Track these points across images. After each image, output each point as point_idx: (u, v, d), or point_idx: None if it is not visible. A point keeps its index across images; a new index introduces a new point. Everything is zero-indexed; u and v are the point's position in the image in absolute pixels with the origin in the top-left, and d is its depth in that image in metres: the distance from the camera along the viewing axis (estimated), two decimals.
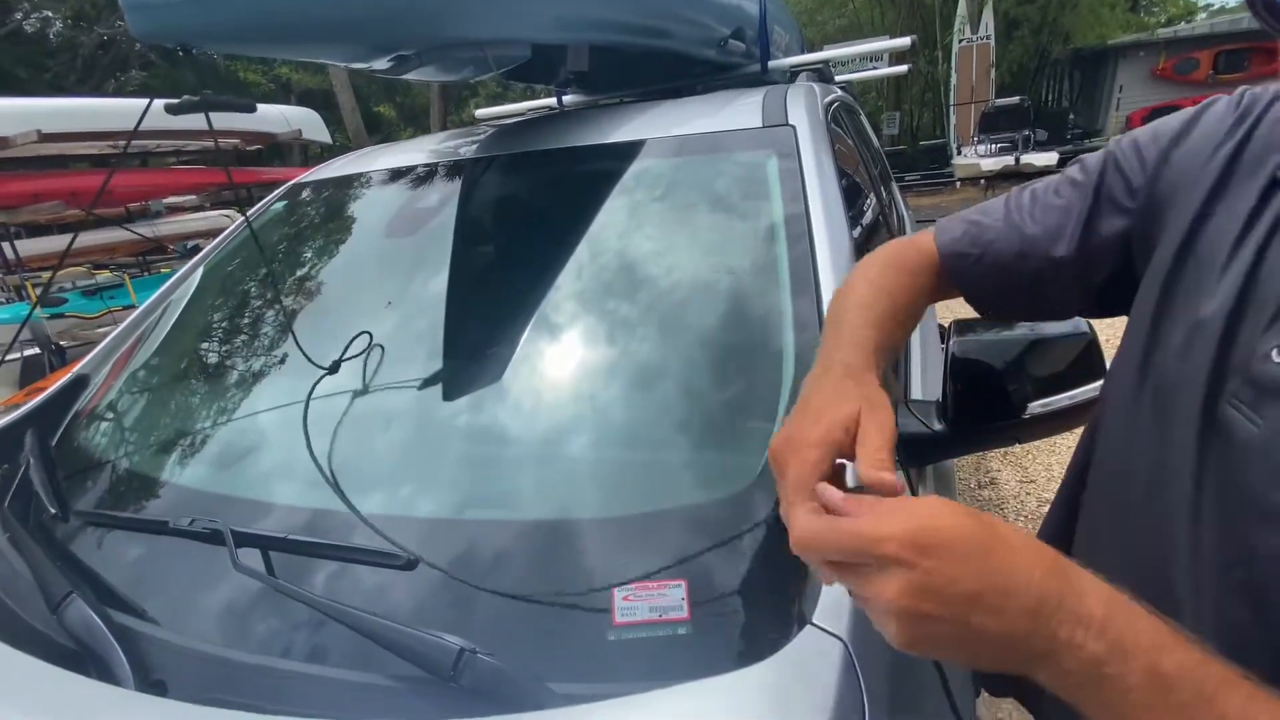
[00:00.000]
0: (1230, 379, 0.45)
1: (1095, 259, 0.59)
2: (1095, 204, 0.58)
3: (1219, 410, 0.46)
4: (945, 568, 0.35)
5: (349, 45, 0.89)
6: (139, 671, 0.63)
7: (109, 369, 1.20)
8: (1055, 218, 0.60)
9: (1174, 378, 0.49)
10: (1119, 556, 0.54)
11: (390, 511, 0.74)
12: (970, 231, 0.65)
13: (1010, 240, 0.62)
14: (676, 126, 1.20)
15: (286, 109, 6.44)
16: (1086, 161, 0.61)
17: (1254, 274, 0.45)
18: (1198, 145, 0.53)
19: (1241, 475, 0.44)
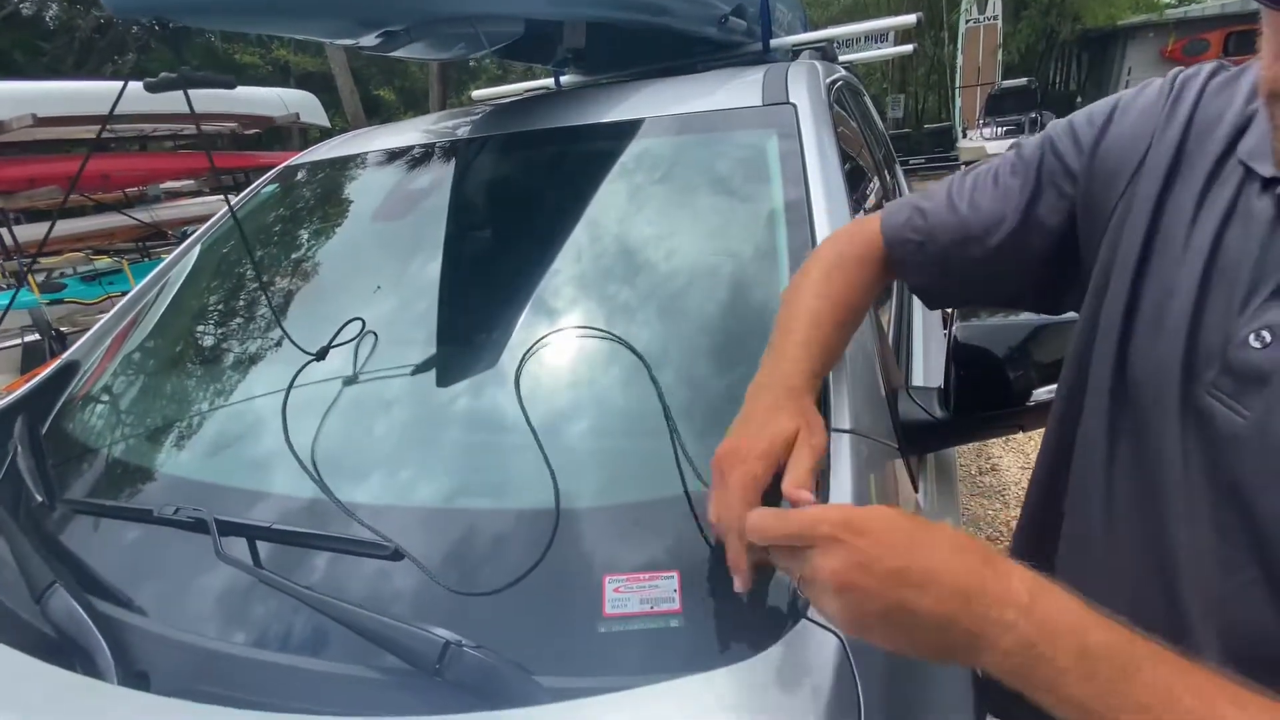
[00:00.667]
0: (1206, 367, 0.44)
1: (1035, 246, 0.58)
2: (1035, 190, 0.57)
3: (1198, 400, 0.45)
4: (873, 545, 0.40)
5: (333, 19, 0.86)
6: (122, 663, 0.62)
7: (99, 355, 1.18)
8: (995, 205, 0.59)
9: (1149, 367, 0.48)
10: (1112, 562, 0.53)
11: (377, 501, 0.72)
12: (913, 219, 0.64)
13: (951, 228, 0.62)
14: (675, 105, 1.17)
15: (284, 92, 6.38)
16: (1024, 147, 0.60)
17: (1214, 257, 0.45)
18: (1134, 129, 0.52)
19: (1235, 471, 0.42)
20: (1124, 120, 0.53)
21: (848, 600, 0.40)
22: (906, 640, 0.40)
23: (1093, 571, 0.55)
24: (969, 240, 0.61)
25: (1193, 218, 0.47)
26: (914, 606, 0.38)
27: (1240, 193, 0.45)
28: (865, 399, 0.73)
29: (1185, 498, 0.46)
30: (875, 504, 0.64)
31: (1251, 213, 0.44)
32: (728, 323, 0.84)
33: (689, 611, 0.57)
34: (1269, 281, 0.42)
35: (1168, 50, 11.97)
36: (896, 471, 0.74)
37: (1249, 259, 0.43)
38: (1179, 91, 0.51)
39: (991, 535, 2.39)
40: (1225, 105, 0.48)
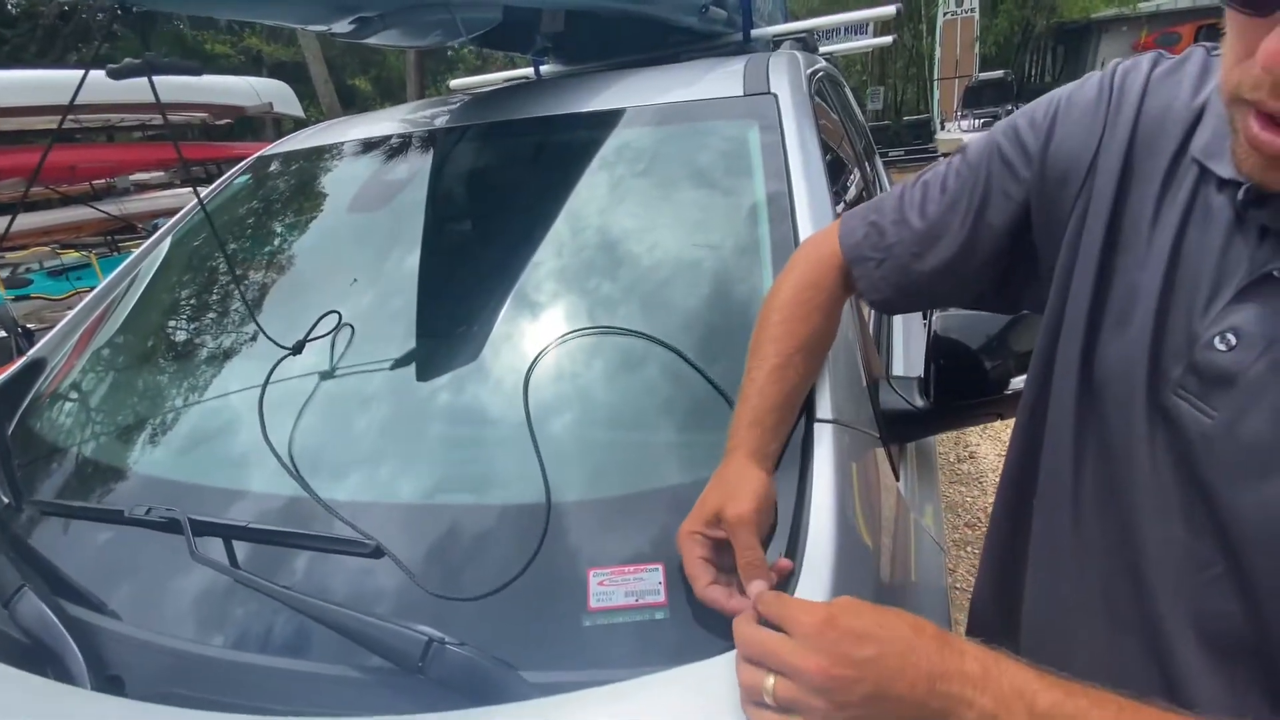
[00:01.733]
0: (1171, 367, 0.45)
1: (988, 251, 0.59)
2: (983, 198, 0.58)
3: (1165, 399, 0.45)
4: (849, 636, 0.42)
5: (303, 4, 0.84)
6: (95, 668, 0.60)
7: (67, 351, 1.15)
8: (945, 215, 0.60)
9: (1116, 367, 0.49)
10: (1082, 556, 0.54)
11: (357, 497, 0.71)
12: (870, 235, 0.65)
13: (906, 242, 0.62)
14: (655, 95, 1.16)
15: (256, 81, 6.24)
16: (970, 151, 0.60)
17: (1176, 258, 0.46)
18: (1080, 129, 0.52)
19: (1203, 469, 0.43)
20: (1068, 121, 0.53)
21: (831, 694, 0.41)
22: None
23: (1064, 565, 0.56)
24: (924, 253, 0.61)
25: (1153, 218, 0.47)
26: (892, 692, 0.40)
27: (1197, 192, 0.45)
28: (847, 389, 0.73)
29: (1154, 494, 0.47)
30: (856, 494, 0.64)
31: (1210, 213, 0.44)
32: (709, 314, 0.84)
33: (674, 604, 0.57)
34: (1231, 283, 0.43)
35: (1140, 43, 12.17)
36: (878, 460, 0.75)
37: (1210, 260, 0.44)
38: (1121, 86, 0.51)
39: (969, 521, 2.43)
40: (1171, 98, 0.48)
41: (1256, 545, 0.41)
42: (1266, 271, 0.41)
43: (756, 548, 0.54)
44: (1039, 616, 0.60)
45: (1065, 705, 0.38)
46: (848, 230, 0.67)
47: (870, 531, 0.65)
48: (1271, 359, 0.40)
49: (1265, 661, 0.43)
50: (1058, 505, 0.55)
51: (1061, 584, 0.56)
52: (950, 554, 2.25)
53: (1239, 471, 0.42)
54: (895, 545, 0.70)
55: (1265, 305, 0.41)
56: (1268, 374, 0.40)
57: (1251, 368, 0.41)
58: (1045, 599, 0.59)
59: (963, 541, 2.33)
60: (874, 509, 0.68)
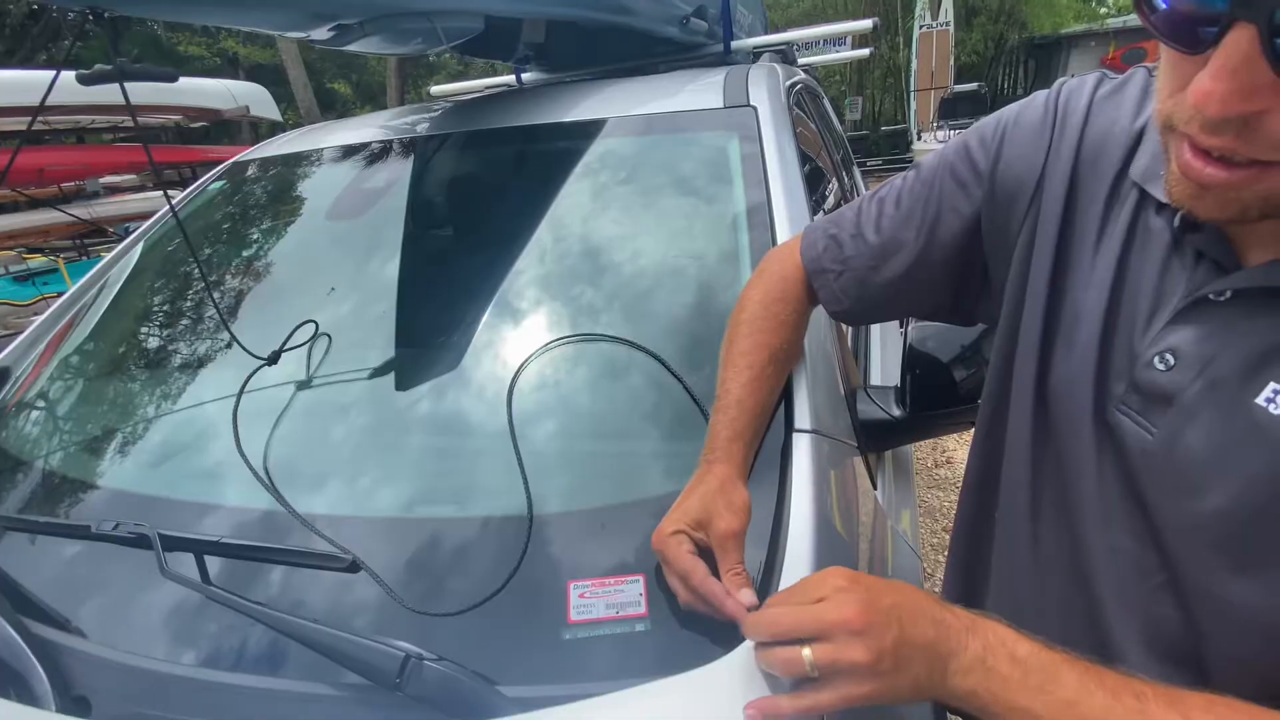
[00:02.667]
0: (1115, 384, 0.47)
1: (941, 265, 0.60)
2: (935, 214, 0.59)
3: (1110, 415, 0.47)
4: (869, 588, 0.45)
5: (281, 11, 0.83)
6: (60, 689, 0.58)
7: (33, 360, 1.12)
8: (899, 230, 0.62)
9: (1064, 384, 0.50)
10: (1040, 569, 0.55)
11: (332, 511, 0.70)
12: (830, 248, 0.67)
13: (863, 255, 0.64)
14: (635, 105, 1.17)
15: (232, 84, 6.15)
16: (923, 168, 0.62)
17: (1119, 279, 0.47)
18: (1026, 149, 0.53)
19: (1144, 485, 0.45)
20: (1015, 140, 0.54)
21: (869, 639, 0.42)
22: (912, 675, 0.42)
23: (1022, 575, 0.57)
24: (880, 266, 0.63)
25: (1097, 239, 0.49)
26: (912, 636, 0.42)
27: (1138, 214, 0.47)
28: (825, 399, 0.74)
29: (1101, 507, 0.48)
30: (834, 503, 0.65)
31: (1150, 235, 0.46)
32: (689, 324, 0.84)
33: (655, 615, 0.57)
34: (1169, 304, 0.44)
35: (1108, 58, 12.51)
36: (855, 469, 0.75)
37: (1150, 281, 0.45)
38: (1065, 107, 0.52)
39: (946, 526, 2.46)
40: (1113, 120, 0.50)
41: (1191, 558, 0.43)
42: (1202, 295, 0.42)
43: (742, 563, 0.54)
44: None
45: (1040, 655, 0.41)
46: (809, 243, 0.69)
47: (849, 538, 0.66)
48: (1207, 380, 0.42)
49: (1203, 668, 0.45)
50: (1017, 517, 0.57)
51: (1020, 592, 0.58)
52: (928, 559, 2.27)
53: (1175, 488, 0.43)
54: (873, 552, 0.71)
55: (1201, 327, 0.42)
56: (1202, 394, 0.42)
57: (1188, 388, 0.42)
58: (1006, 607, 0.60)
59: (941, 546, 2.36)
60: (852, 516, 0.69)
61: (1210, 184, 0.36)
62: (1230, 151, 0.34)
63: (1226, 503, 0.41)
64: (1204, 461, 0.42)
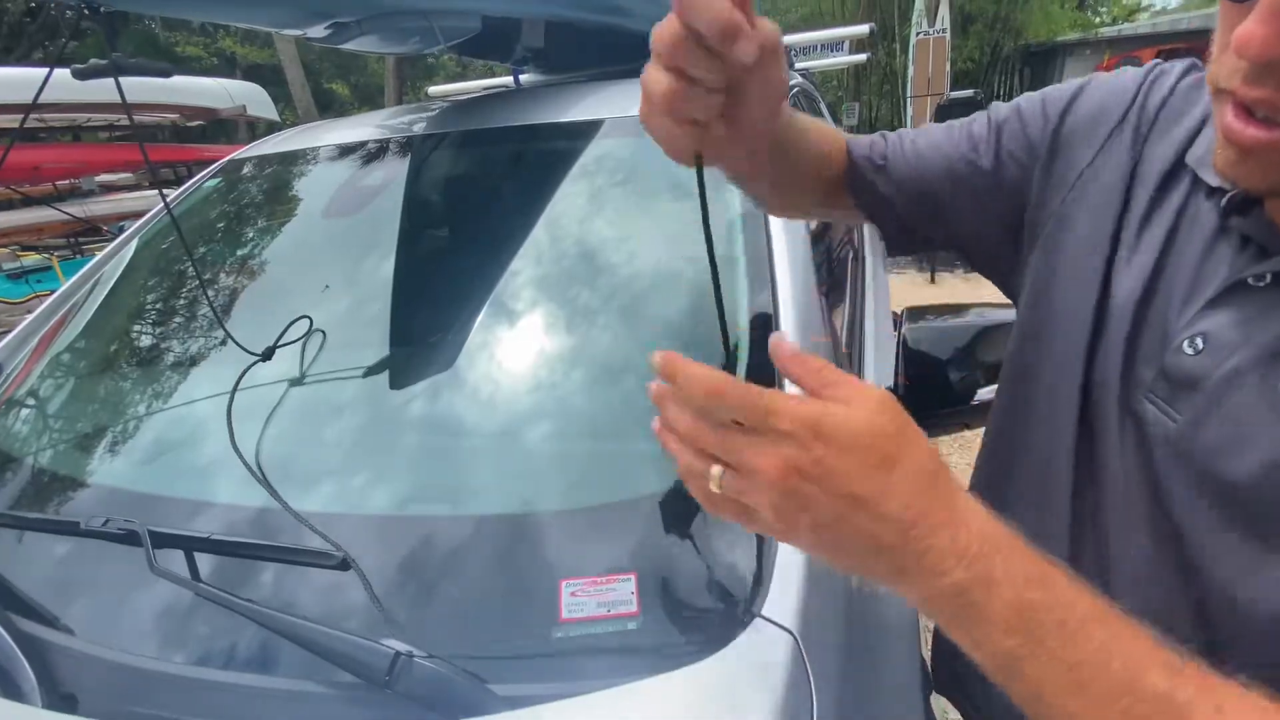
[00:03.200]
0: (1145, 371, 0.45)
1: (986, 193, 0.58)
2: (996, 147, 0.58)
3: (1136, 403, 0.45)
4: (833, 460, 0.33)
5: (277, 8, 0.83)
6: (47, 686, 0.58)
7: (25, 356, 1.11)
8: (956, 146, 0.60)
9: (1097, 372, 0.49)
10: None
11: (324, 508, 0.70)
12: (877, 142, 0.64)
13: (909, 156, 0.62)
14: (632, 107, 1.17)
15: (229, 83, 6.13)
16: (994, 109, 0.61)
17: (1161, 261, 0.46)
18: (1105, 102, 0.52)
19: (1165, 478, 0.43)
20: (1095, 93, 0.53)
21: (785, 499, 0.34)
22: (831, 546, 0.35)
23: None
24: (925, 171, 0.60)
25: (1141, 224, 0.48)
26: (854, 528, 0.34)
27: (1188, 200, 0.46)
28: None
29: (1124, 506, 0.46)
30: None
31: (1197, 220, 0.45)
32: (681, 325, 0.84)
33: (646, 613, 0.57)
34: (1208, 289, 0.43)
35: (1103, 66, 12.60)
36: None
37: (1191, 266, 0.44)
38: (1152, 83, 0.51)
39: None
40: (1186, 107, 0.49)
41: (1211, 558, 0.41)
42: (1242, 278, 0.41)
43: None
44: None
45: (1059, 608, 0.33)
46: (855, 138, 0.66)
47: None
48: (1234, 366, 0.40)
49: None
50: (1043, 508, 0.54)
51: None
52: None
53: (1198, 478, 0.41)
54: None
55: (1237, 311, 0.41)
56: (1228, 380, 0.40)
57: (1215, 372, 0.41)
58: None
59: None
60: None
61: (1251, 146, 0.35)
62: (1272, 108, 0.33)
63: (1251, 489, 0.39)
64: (1227, 447, 0.40)
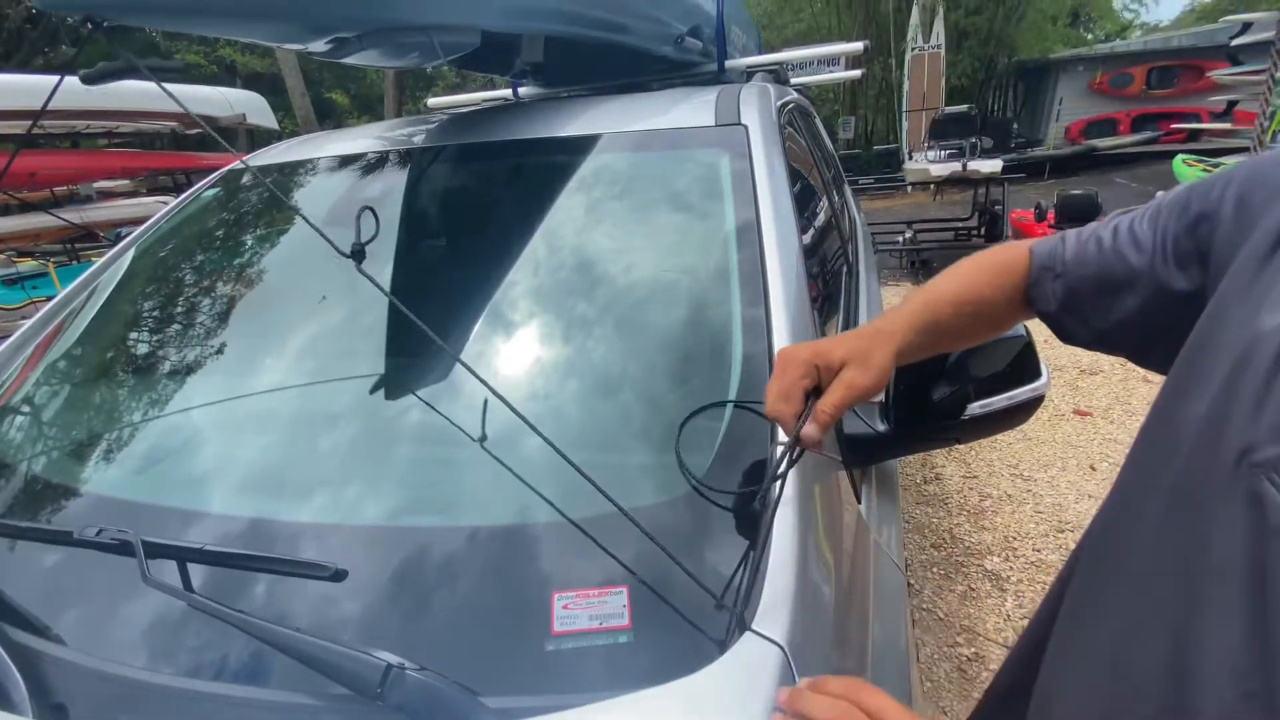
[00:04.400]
0: (1267, 445, 0.39)
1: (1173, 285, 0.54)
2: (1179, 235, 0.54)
3: (1254, 481, 0.39)
4: None
5: (278, 24, 0.84)
6: (38, 696, 0.58)
7: (20, 364, 1.11)
8: (1127, 247, 0.57)
9: (1205, 420, 0.43)
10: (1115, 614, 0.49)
11: (318, 519, 0.70)
12: (1059, 246, 0.63)
13: (1086, 261, 0.60)
14: (630, 122, 1.19)
15: (229, 91, 6.16)
16: (1166, 197, 0.58)
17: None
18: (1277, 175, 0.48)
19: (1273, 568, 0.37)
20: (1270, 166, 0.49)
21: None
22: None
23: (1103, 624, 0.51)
24: (1099, 280, 0.59)
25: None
26: None
27: None
28: None
29: (1221, 585, 0.40)
30: (818, 516, 0.65)
31: None
32: (679, 338, 0.85)
33: (638, 627, 0.57)
34: None
35: (1095, 83, 12.75)
36: (840, 483, 0.76)
37: None
38: None
39: (935, 541, 2.47)
40: None
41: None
42: None
43: (838, 409, 0.58)
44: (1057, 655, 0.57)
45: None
46: (1045, 240, 0.66)
47: (831, 552, 0.66)
48: None
49: None
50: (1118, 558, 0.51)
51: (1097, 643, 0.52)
52: (915, 574, 2.28)
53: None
54: (855, 564, 0.72)
55: None
56: None
57: None
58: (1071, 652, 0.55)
59: (929, 562, 2.36)
60: (835, 529, 0.70)
61: None
62: None
63: None
64: None
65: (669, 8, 1.70)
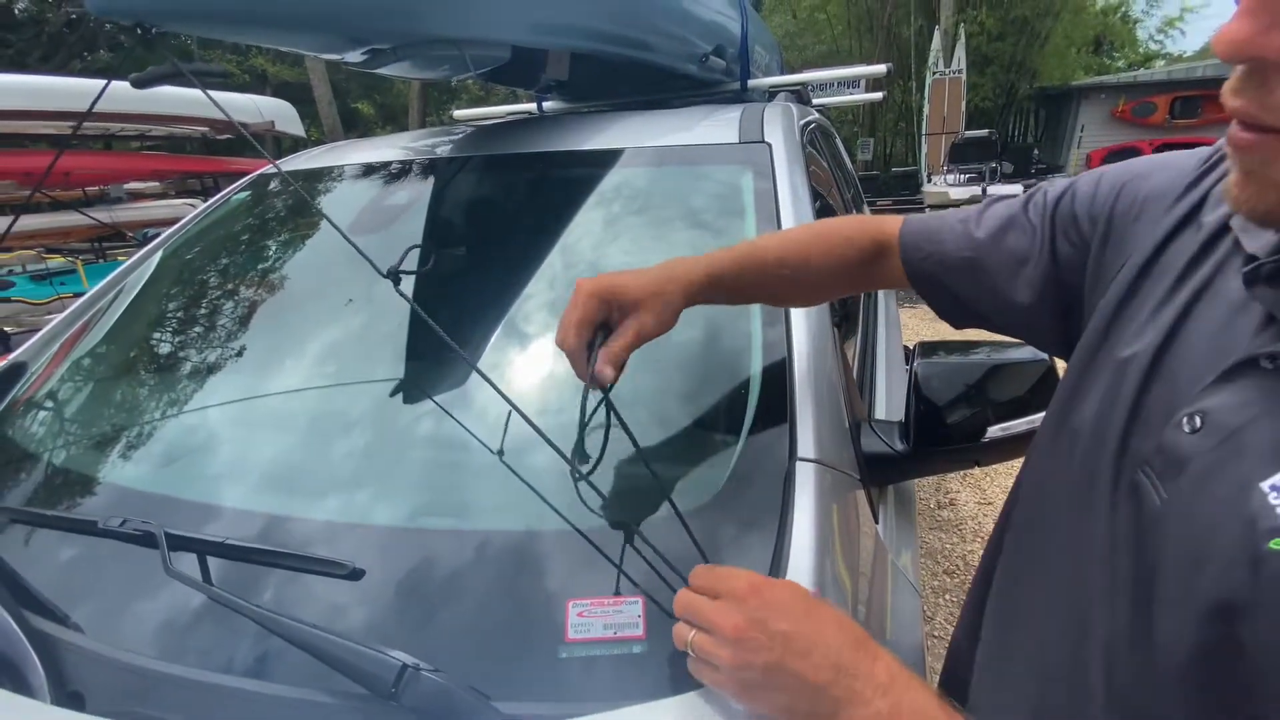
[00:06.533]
0: (1143, 441, 0.43)
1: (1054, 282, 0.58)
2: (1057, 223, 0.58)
3: (1132, 474, 0.43)
4: (770, 608, 0.47)
5: (320, 34, 0.87)
6: (56, 682, 0.59)
7: (49, 357, 1.14)
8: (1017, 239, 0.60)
9: (1092, 425, 0.48)
10: (1031, 610, 0.53)
11: (337, 518, 0.71)
12: (932, 220, 0.68)
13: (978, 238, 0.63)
14: (653, 137, 1.20)
15: (259, 98, 6.30)
16: (1053, 182, 0.62)
17: (1181, 322, 0.44)
18: (1162, 185, 0.51)
19: (1151, 554, 0.41)
20: (1155, 175, 0.52)
21: (737, 650, 0.46)
22: (783, 701, 0.45)
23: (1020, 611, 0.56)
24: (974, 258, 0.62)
25: (1175, 281, 0.46)
26: (794, 668, 0.44)
27: (1225, 262, 0.43)
28: (829, 429, 0.75)
29: (1108, 574, 0.44)
30: (836, 535, 0.65)
31: (1222, 291, 0.43)
32: (694, 354, 0.85)
33: (652, 638, 0.57)
34: (1217, 365, 0.40)
35: (1118, 111, 12.71)
36: (857, 502, 0.76)
37: (1207, 338, 0.42)
38: (1214, 159, 0.50)
39: (948, 568, 2.43)
40: None
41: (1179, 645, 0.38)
42: (1251, 357, 0.38)
43: (626, 351, 0.61)
44: (988, 654, 0.60)
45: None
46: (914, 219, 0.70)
47: (849, 572, 0.66)
48: (1226, 449, 0.38)
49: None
50: (1020, 563, 0.56)
51: (1014, 631, 0.57)
52: (929, 600, 2.24)
53: (1172, 562, 0.39)
54: (872, 587, 0.71)
55: (1240, 392, 0.38)
56: (1216, 464, 0.38)
57: (1205, 455, 0.38)
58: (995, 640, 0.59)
59: (941, 589, 2.33)
60: (853, 549, 0.69)
61: (1239, 146, 0.34)
62: (1250, 118, 0.32)
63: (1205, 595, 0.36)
64: (1203, 537, 0.37)
65: (694, 27, 1.73)
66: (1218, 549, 0.36)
